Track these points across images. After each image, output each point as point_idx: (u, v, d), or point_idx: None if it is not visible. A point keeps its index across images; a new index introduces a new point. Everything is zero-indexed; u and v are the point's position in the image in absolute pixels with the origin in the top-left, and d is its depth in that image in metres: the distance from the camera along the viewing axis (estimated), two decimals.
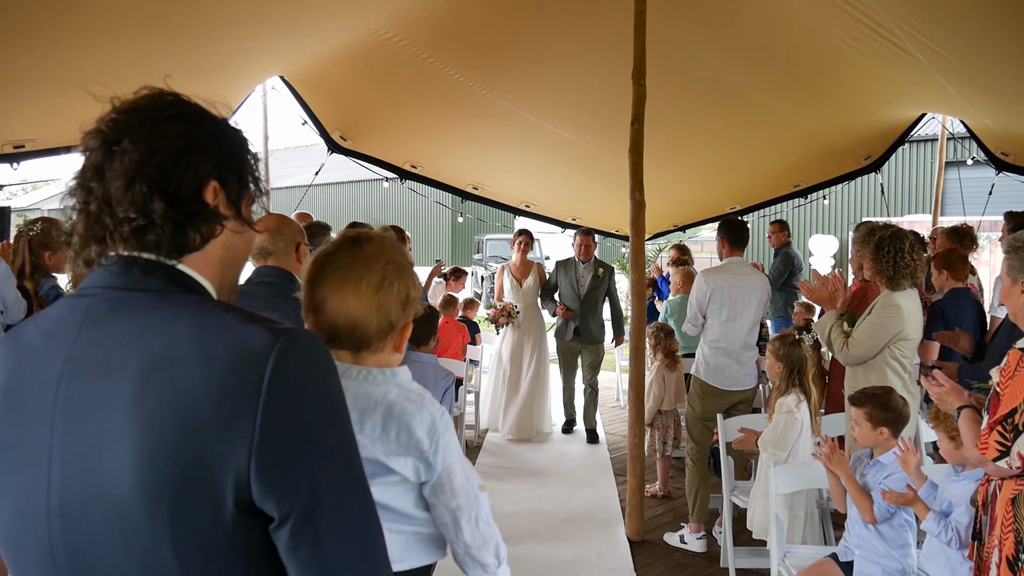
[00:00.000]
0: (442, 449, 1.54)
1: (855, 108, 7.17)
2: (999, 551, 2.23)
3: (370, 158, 7.85)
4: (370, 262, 1.50)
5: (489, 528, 1.61)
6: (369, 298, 1.48)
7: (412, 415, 1.52)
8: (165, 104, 1.14)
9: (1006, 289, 2.52)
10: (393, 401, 1.53)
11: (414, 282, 1.56)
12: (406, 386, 1.58)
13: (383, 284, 1.49)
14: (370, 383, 1.54)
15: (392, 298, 1.50)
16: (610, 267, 7.39)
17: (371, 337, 1.51)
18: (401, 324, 1.55)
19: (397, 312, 1.52)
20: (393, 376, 1.57)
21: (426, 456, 1.52)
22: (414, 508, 1.57)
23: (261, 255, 2.81)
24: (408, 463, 1.52)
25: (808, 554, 3.53)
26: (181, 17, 4.78)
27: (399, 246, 1.57)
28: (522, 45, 6.28)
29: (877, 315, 3.91)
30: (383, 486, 1.51)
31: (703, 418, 4.86)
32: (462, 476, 1.56)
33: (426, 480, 1.54)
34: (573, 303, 7.26)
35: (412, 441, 1.51)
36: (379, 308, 1.49)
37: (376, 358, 1.56)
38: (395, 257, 1.54)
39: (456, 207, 9.56)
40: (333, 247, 1.54)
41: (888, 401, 3.23)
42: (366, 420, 1.51)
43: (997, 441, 2.21)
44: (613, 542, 4.96)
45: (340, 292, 1.48)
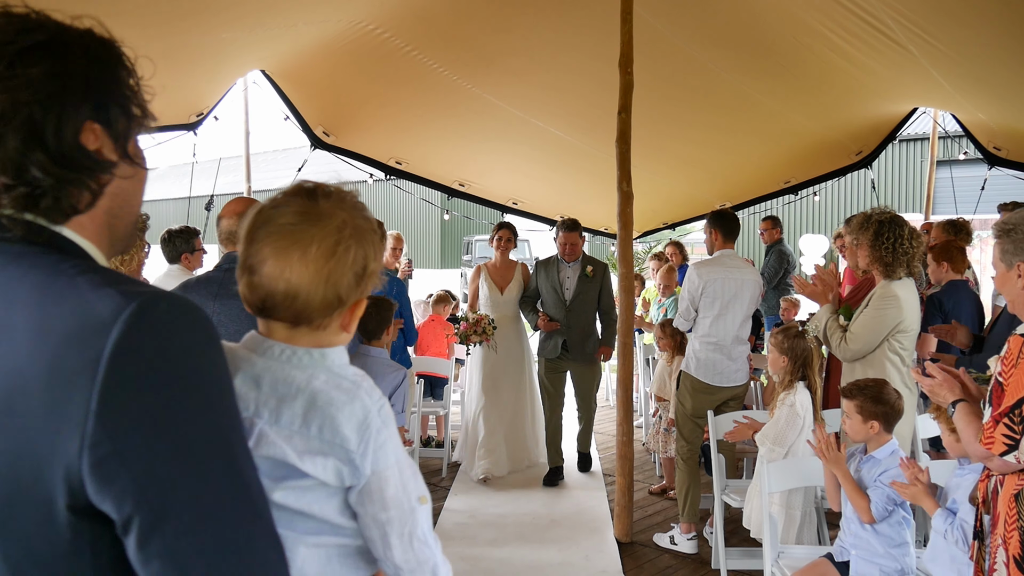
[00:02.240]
0: (374, 450, 1.26)
1: (846, 102, 7.08)
2: (1005, 550, 2.11)
3: (354, 154, 7.72)
4: (324, 221, 1.23)
5: (426, 548, 1.33)
6: (318, 265, 1.21)
7: (340, 407, 1.24)
8: (16, 31, 0.95)
9: (1001, 276, 2.38)
10: (319, 389, 1.25)
11: (375, 252, 1.29)
12: (338, 372, 1.30)
13: (336, 250, 1.23)
14: (293, 365, 1.27)
15: (346, 267, 1.24)
16: (602, 264, 6.11)
17: (313, 312, 1.24)
18: (353, 299, 1.28)
19: (350, 285, 1.25)
20: (323, 359, 1.29)
21: (352, 457, 1.24)
22: (338, 516, 1.29)
23: (230, 240, 2.68)
24: (328, 464, 1.24)
25: (802, 554, 3.42)
26: (155, 5, 4.64)
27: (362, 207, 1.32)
28: (507, 38, 6.17)
29: (875, 307, 3.81)
30: (297, 491, 1.25)
31: (694, 415, 4.75)
32: (397, 484, 1.29)
33: (352, 485, 1.27)
34: (558, 312, 5.94)
35: (337, 438, 1.23)
36: (328, 278, 1.22)
37: (316, 337, 1.29)
38: (356, 219, 1.27)
39: (443, 205, 9.43)
40: (282, 197, 1.26)
41: (880, 394, 3.12)
42: (284, 410, 1.24)
43: (1004, 434, 2.09)
44: (601, 544, 4.84)
45: (284, 255, 1.21)
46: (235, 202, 2.75)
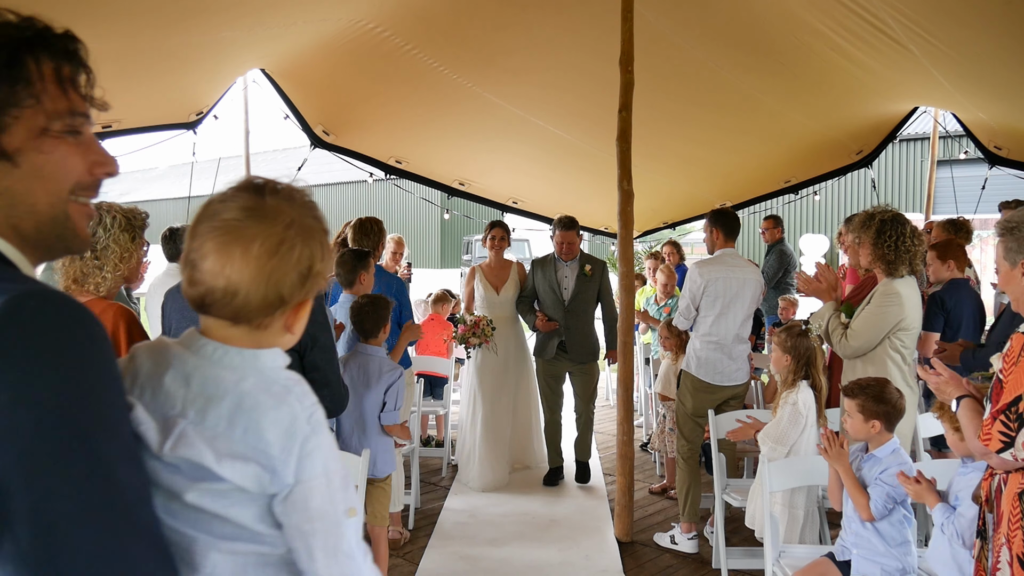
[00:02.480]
0: (300, 458, 1.20)
1: (846, 101, 7.07)
2: (1009, 549, 2.10)
3: (354, 153, 7.71)
4: (270, 219, 1.19)
5: (351, 563, 1.27)
6: (259, 263, 1.17)
7: (265, 411, 1.19)
8: None
9: (1005, 274, 2.37)
10: (246, 391, 1.20)
11: (322, 252, 1.25)
12: (270, 374, 1.24)
13: (280, 248, 1.18)
14: (224, 366, 1.22)
15: (289, 267, 1.19)
16: (600, 262, 5.96)
17: (253, 310, 1.20)
18: (297, 300, 1.24)
19: (293, 285, 1.21)
20: (255, 360, 1.24)
21: (274, 464, 1.18)
22: (256, 523, 1.22)
23: None
24: (248, 470, 1.18)
25: (804, 554, 3.40)
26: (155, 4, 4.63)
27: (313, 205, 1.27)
28: (508, 37, 6.16)
29: (877, 304, 3.80)
30: (213, 494, 1.18)
31: (694, 414, 4.74)
32: (323, 495, 1.22)
33: (275, 493, 1.20)
34: (556, 312, 5.81)
35: (260, 443, 1.18)
36: (270, 277, 1.18)
37: (256, 336, 1.25)
38: (303, 218, 1.23)
39: (443, 204, 9.41)
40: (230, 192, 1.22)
41: (882, 393, 3.11)
42: (210, 410, 1.19)
43: (1000, 431, 2.08)
44: (601, 543, 4.83)
45: (225, 251, 1.17)
46: None
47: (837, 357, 4.29)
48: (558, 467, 5.98)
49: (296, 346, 2.58)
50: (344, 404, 2.83)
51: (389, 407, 3.79)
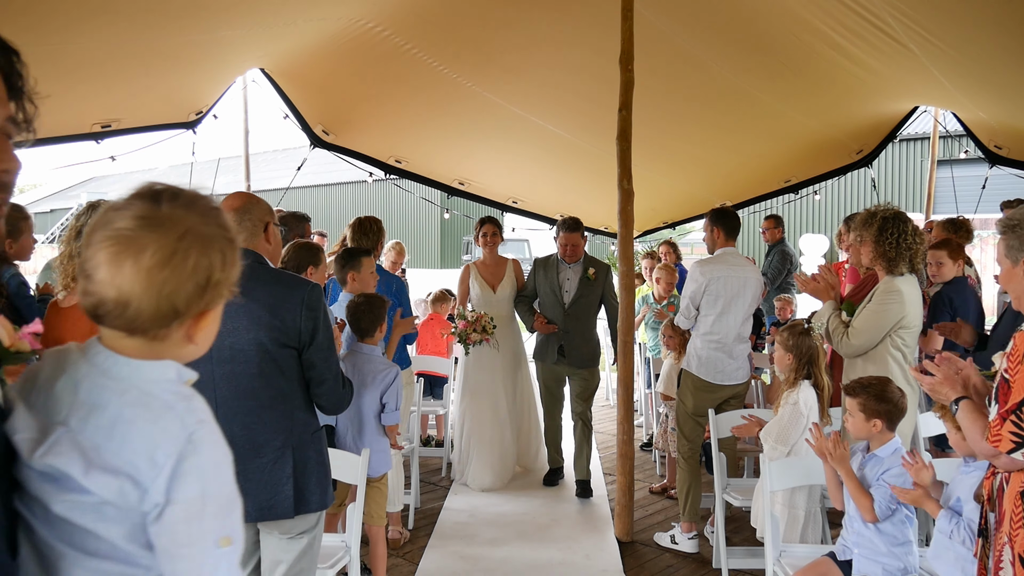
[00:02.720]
0: (173, 478, 1.14)
1: (846, 101, 7.06)
2: (1011, 548, 2.09)
3: (354, 153, 7.70)
4: (164, 228, 1.15)
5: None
6: (151, 274, 1.13)
7: (140, 425, 1.15)
8: None
9: (1007, 272, 2.35)
10: (126, 404, 1.16)
11: (223, 260, 1.20)
12: (152, 388, 1.20)
13: (172, 259, 1.14)
14: (112, 376, 1.18)
15: (183, 277, 1.16)
16: (605, 266, 5.81)
17: (146, 322, 1.16)
18: (195, 311, 1.20)
19: (189, 295, 1.17)
20: (139, 372, 1.19)
21: (142, 480, 1.13)
22: (126, 541, 1.16)
23: None
24: (115, 484, 1.13)
25: (805, 553, 3.39)
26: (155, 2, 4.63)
27: (216, 213, 1.22)
28: (507, 36, 6.16)
29: (878, 301, 3.79)
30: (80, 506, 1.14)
31: (695, 414, 4.73)
32: (197, 517, 1.16)
33: (147, 511, 1.15)
34: (555, 315, 5.68)
35: (132, 458, 1.14)
36: (162, 288, 1.14)
37: (154, 348, 1.20)
38: (202, 226, 1.18)
39: (443, 204, 9.40)
40: (126, 199, 1.18)
41: (883, 392, 3.10)
42: (91, 419, 1.15)
43: (1011, 432, 2.06)
44: (602, 543, 4.82)
45: (117, 261, 1.13)
46: (231, 197, 2.73)
47: (838, 356, 4.28)
48: (558, 467, 5.92)
49: (294, 343, 2.58)
50: (344, 403, 2.82)
51: (389, 407, 3.78)
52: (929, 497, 2.77)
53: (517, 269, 6.01)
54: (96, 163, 6.42)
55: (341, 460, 3.34)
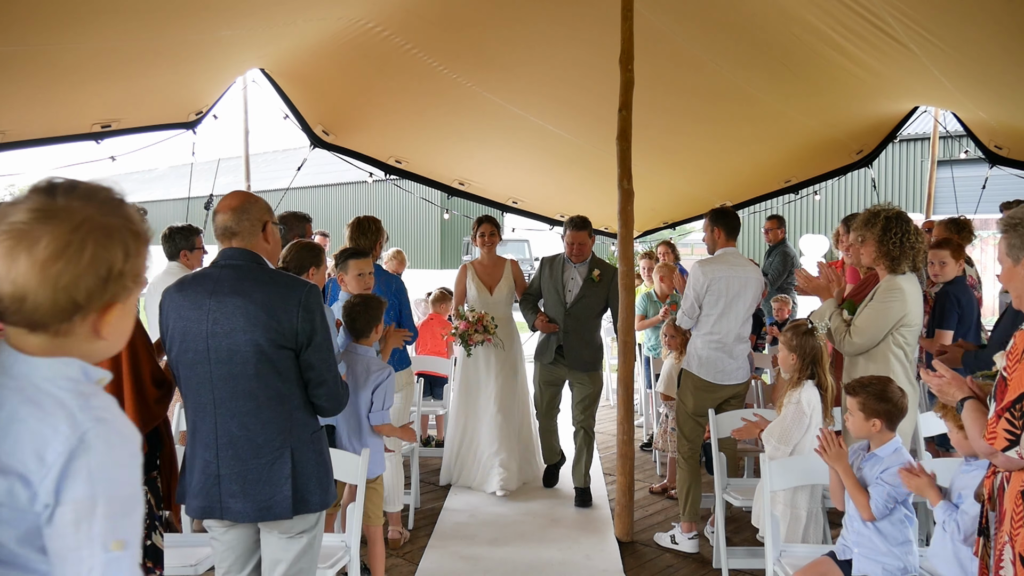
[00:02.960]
0: (60, 478, 1.10)
1: (847, 101, 7.07)
2: (1012, 547, 2.09)
3: (354, 153, 7.70)
4: (58, 220, 1.12)
5: None
6: (45, 267, 1.10)
7: (29, 423, 1.12)
8: None
9: (1008, 270, 2.35)
10: (20, 402, 1.14)
11: (126, 251, 1.17)
12: (46, 385, 1.16)
13: (67, 250, 1.11)
14: (11, 375, 1.16)
15: (79, 269, 1.12)
16: (612, 268, 5.56)
17: (45, 317, 1.14)
18: (98, 304, 1.16)
19: (89, 288, 1.14)
20: (36, 369, 1.16)
21: (30, 479, 1.10)
22: (18, 544, 1.13)
23: (225, 236, 2.64)
24: (2, 482, 1.10)
25: (805, 553, 3.39)
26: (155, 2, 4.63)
27: (116, 204, 1.19)
28: (507, 36, 6.16)
29: (880, 299, 3.80)
30: None
31: (695, 414, 4.73)
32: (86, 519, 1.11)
33: (39, 512, 1.12)
34: (556, 314, 5.51)
35: (22, 457, 1.11)
36: (57, 281, 1.11)
37: (59, 344, 1.17)
38: (98, 216, 1.14)
39: (443, 204, 9.40)
40: (23, 194, 1.15)
41: (884, 391, 3.10)
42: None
43: (1006, 429, 2.06)
44: (602, 543, 4.82)
45: (11, 255, 1.11)
46: (230, 196, 2.72)
47: (839, 355, 4.28)
48: (555, 464, 5.78)
49: (291, 344, 2.58)
50: (342, 404, 2.81)
51: (377, 407, 3.77)
52: (931, 485, 2.77)
53: (515, 270, 5.85)
54: (96, 163, 6.42)
55: (339, 460, 3.33)
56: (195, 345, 2.57)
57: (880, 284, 3.89)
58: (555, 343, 5.51)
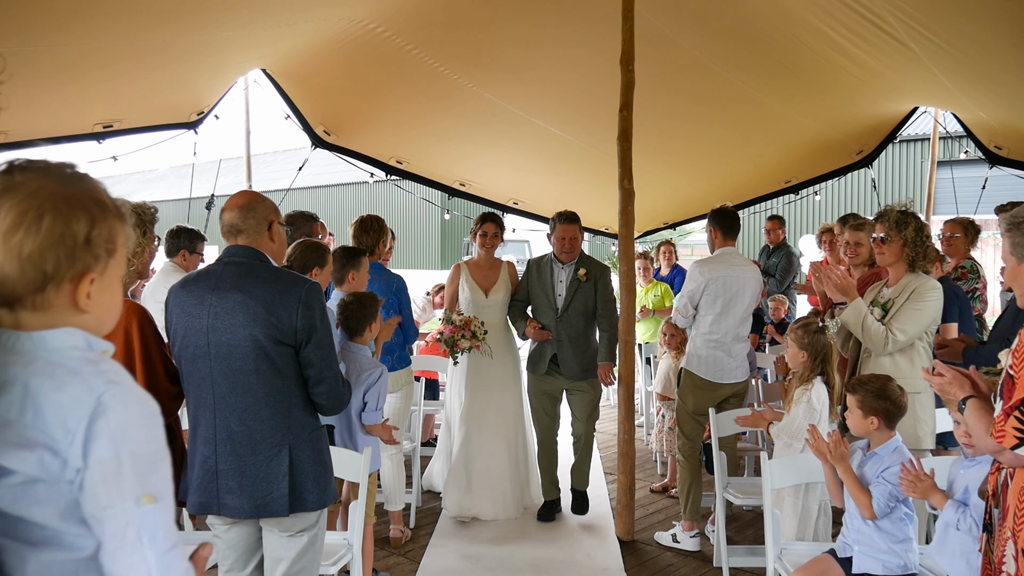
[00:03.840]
0: (86, 441, 1.13)
1: (847, 101, 7.08)
2: (1014, 543, 2.10)
3: (355, 153, 7.71)
4: (13, 191, 1.14)
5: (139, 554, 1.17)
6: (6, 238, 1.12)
7: (47, 393, 1.14)
8: None
9: (1012, 269, 2.37)
10: (32, 375, 1.15)
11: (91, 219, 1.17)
12: (55, 356, 1.18)
13: (24, 218, 1.12)
14: (15, 352, 1.18)
15: (40, 239, 1.13)
16: (600, 266, 5.17)
17: (18, 291, 1.15)
18: (71, 275, 1.17)
19: (57, 258, 1.15)
20: (42, 341, 1.18)
21: (58, 448, 1.13)
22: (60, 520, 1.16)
23: (231, 233, 2.67)
24: (35, 457, 1.12)
25: (805, 550, 3.40)
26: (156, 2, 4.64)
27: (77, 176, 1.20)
28: (508, 37, 6.17)
29: (922, 298, 3.78)
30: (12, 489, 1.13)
31: (695, 413, 4.75)
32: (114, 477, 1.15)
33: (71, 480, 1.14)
34: (548, 320, 5.11)
35: (45, 427, 1.13)
36: (20, 250, 1.12)
37: (43, 318, 1.19)
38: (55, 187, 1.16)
39: (444, 204, 9.41)
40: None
41: (883, 390, 3.11)
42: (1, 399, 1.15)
43: (1015, 428, 2.07)
44: (603, 542, 4.83)
45: None
46: (238, 195, 2.74)
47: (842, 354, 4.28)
48: (554, 500, 5.25)
49: (290, 341, 2.59)
50: (343, 402, 2.81)
51: (370, 407, 3.77)
52: (935, 488, 2.78)
53: (512, 272, 5.42)
54: (98, 163, 6.42)
55: (339, 457, 3.34)
56: (196, 340, 2.59)
57: (909, 283, 3.85)
58: (550, 352, 5.11)
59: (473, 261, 5.42)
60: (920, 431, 3.73)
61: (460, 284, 5.35)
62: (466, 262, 5.44)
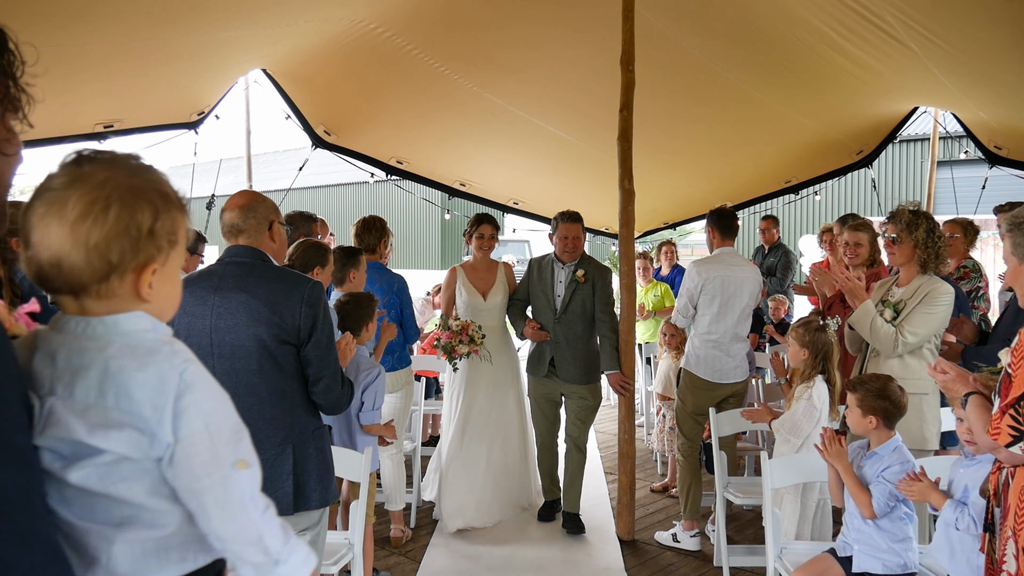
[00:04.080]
0: (176, 416, 1.18)
1: (847, 101, 7.08)
2: (1015, 542, 2.11)
3: (355, 153, 7.72)
4: (82, 182, 1.16)
5: (245, 515, 1.26)
6: (74, 228, 1.14)
7: (131, 374, 1.17)
8: None
9: (1013, 269, 2.38)
10: (111, 357, 1.18)
11: (154, 211, 1.20)
12: (134, 337, 1.21)
13: (92, 210, 1.14)
14: (88, 337, 1.20)
15: (106, 229, 1.15)
16: (600, 268, 5.04)
17: (84, 280, 1.17)
18: (135, 264, 1.19)
19: (122, 248, 1.17)
20: (115, 326, 1.21)
21: (148, 426, 1.17)
22: (149, 497, 1.21)
23: (232, 233, 2.67)
24: (123, 436, 1.16)
25: (805, 550, 3.41)
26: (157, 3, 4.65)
27: (143, 168, 1.23)
28: (508, 37, 6.17)
29: (935, 302, 3.76)
30: (98, 469, 1.16)
31: (694, 412, 4.76)
32: (207, 448, 1.21)
33: (159, 456, 1.19)
34: (547, 320, 5.02)
35: (131, 407, 1.16)
36: (87, 241, 1.14)
37: (105, 306, 1.21)
38: (121, 178, 1.18)
39: (444, 205, 9.42)
40: (56, 168, 1.20)
41: (883, 390, 3.11)
42: (77, 383, 1.17)
43: (1009, 425, 2.09)
44: (603, 542, 4.84)
45: (44, 220, 1.15)
46: (239, 195, 2.75)
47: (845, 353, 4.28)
48: (555, 500, 5.18)
49: (293, 340, 2.60)
50: (342, 402, 2.81)
51: (367, 407, 3.77)
52: (935, 490, 2.78)
53: (509, 273, 5.33)
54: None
55: (340, 457, 3.35)
56: (199, 340, 2.59)
57: (922, 286, 3.83)
58: (549, 354, 5.00)
59: (469, 264, 5.34)
60: (927, 432, 3.73)
61: (457, 288, 5.25)
62: (462, 265, 5.35)
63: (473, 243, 5.24)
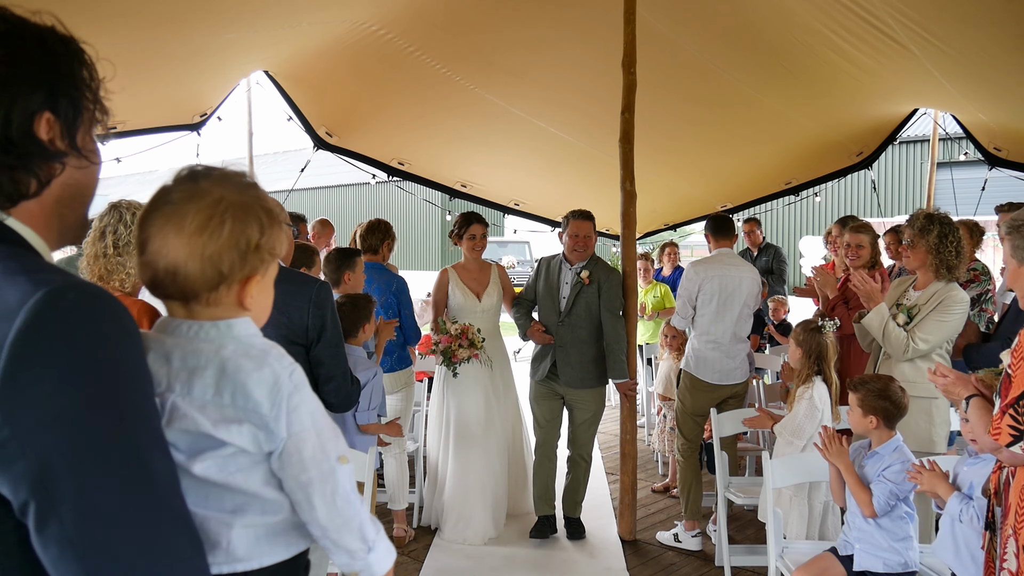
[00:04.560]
0: (288, 413, 1.29)
1: (847, 103, 7.10)
2: (1015, 540, 2.13)
3: (357, 155, 7.74)
4: (199, 197, 1.25)
5: (349, 506, 1.37)
6: (191, 240, 1.23)
7: (249, 373, 1.27)
8: None
9: (1013, 271, 2.40)
10: (227, 357, 1.28)
11: (260, 226, 1.29)
12: (246, 340, 1.32)
13: (208, 224, 1.24)
14: (201, 339, 1.30)
15: (220, 242, 1.24)
16: (607, 269, 4.88)
17: (197, 288, 1.26)
18: (241, 276, 1.28)
19: (232, 260, 1.26)
20: (229, 329, 1.31)
21: (266, 421, 1.27)
22: (263, 486, 1.31)
23: None
24: (244, 431, 1.26)
25: (806, 549, 3.42)
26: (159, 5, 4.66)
27: (251, 186, 1.32)
28: (510, 39, 6.19)
29: (948, 310, 3.75)
30: (218, 460, 1.26)
31: (694, 413, 4.77)
32: (315, 445, 1.32)
33: (271, 450, 1.29)
34: (551, 322, 4.83)
35: (249, 404, 1.26)
36: (203, 253, 1.24)
37: (212, 312, 1.31)
38: (236, 195, 1.27)
39: (445, 206, 9.44)
40: (171, 180, 1.30)
41: (884, 389, 3.13)
42: (195, 381, 1.27)
43: (1010, 425, 2.11)
44: (605, 542, 4.85)
45: (163, 231, 1.24)
46: None
47: (851, 354, 4.29)
48: (547, 516, 4.89)
49: (301, 340, 2.62)
50: (351, 400, 2.85)
51: (363, 406, 3.78)
52: (943, 480, 2.78)
53: (503, 276, 5.16)
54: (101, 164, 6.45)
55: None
56: None
57: (938, 292, 3.81)
58: (552, 357, 4.83)
59: (461, 265, 5.14)
60: (935, 435, 3.73)
61: (450, 290, 5.05)
62: (454, 266, 5.15)
63: (464, 244, 5.04)
